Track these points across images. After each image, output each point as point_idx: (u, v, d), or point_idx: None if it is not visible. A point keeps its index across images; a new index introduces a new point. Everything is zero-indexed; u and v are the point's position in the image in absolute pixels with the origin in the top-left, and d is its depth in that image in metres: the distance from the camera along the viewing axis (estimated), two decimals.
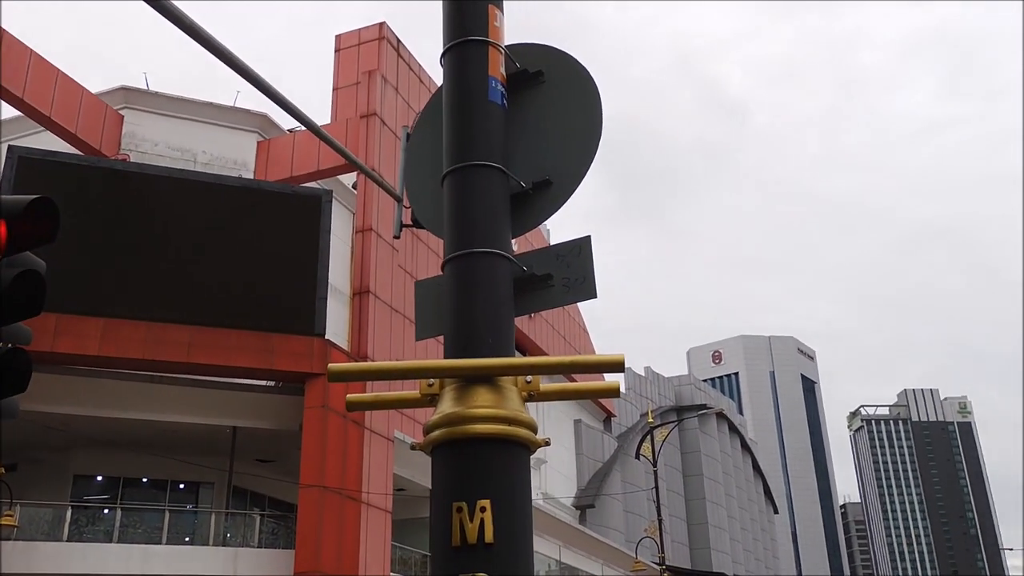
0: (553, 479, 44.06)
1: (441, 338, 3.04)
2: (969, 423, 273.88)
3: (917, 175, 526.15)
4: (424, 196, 3.56)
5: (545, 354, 42.46)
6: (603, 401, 53.36)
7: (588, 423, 51.21)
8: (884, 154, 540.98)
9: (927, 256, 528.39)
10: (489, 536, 2.54)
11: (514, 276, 3.02)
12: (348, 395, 2.94)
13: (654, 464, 32.07)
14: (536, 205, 3.24)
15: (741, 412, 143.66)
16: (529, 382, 2.83)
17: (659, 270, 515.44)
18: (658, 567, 30.95)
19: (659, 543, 30.07)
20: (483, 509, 2.56)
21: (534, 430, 2.78)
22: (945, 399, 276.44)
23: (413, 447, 2.91)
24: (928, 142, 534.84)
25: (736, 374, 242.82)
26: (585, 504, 47.65)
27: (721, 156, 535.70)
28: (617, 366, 2.78)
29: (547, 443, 2.88)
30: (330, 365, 2.71)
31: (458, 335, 2.87)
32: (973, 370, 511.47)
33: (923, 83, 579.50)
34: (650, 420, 35.33)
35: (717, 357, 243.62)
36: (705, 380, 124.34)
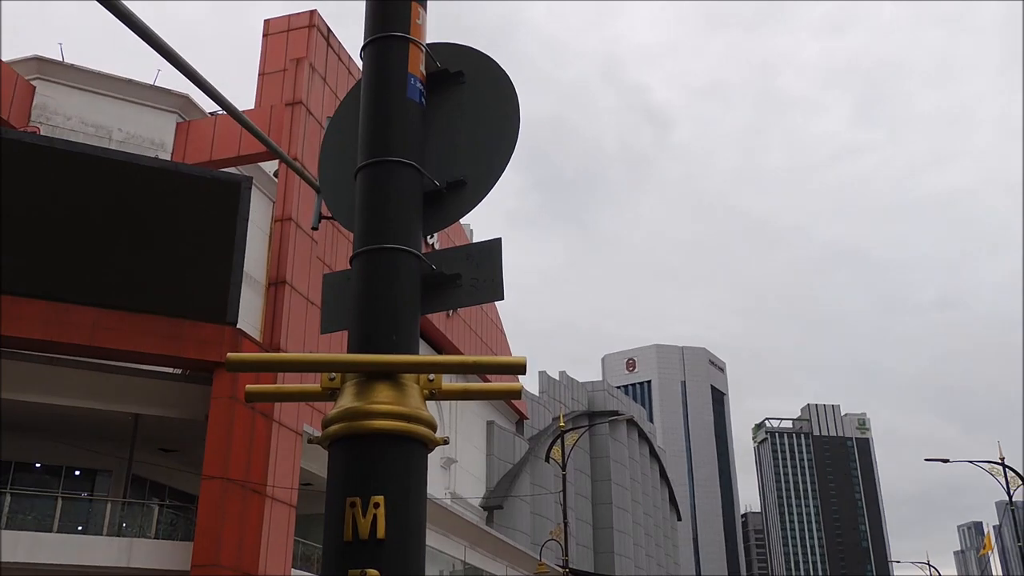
0: (463, 479, 44.07)
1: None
2: (867, 439, 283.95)
3: (828, 197, 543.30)
4: (338, 188, 3.53)
5: (461, 353, 42.49)
6: (516, 404, 53.63)
7: (501, 425, 51.39)
8: (799, 175, 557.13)
9: (833, 276, 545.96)
10: (381, 532, 2.53)
11: (422, 274, 3.02)
12: (247, 386, 2.90)
13: (563, 468, 32.36)
14: (449, 205, 3.25)
15: (651, 420, 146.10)
16: (431, 380, 2.84)
17: (579, 275, 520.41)
18: (561, 570, 31.24)
19: (563, 546, 30.36)
20: (377, 505, 2.55)
21: (433, 428, 2.78)
22: (845, 415, 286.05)
23: (310, 440, 2.92)
24: (840, 166, 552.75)
25: (649, 382, 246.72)
26: (493, 505, 47.80)
27: (644, 165, 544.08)
28: (519, 368, 2.81)
29: (446, 441, 2.89)
30: (229, 355, 2.67)
31: (361, 330, 2.86)
32: (872, 389, 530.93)
33: (838, 109, 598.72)
34: (561, 424, 35.62)
35: (631, 364, 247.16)
36: (618, 386, 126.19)
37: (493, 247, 3.19)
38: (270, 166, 29.93)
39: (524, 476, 51.90)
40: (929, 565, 66.94)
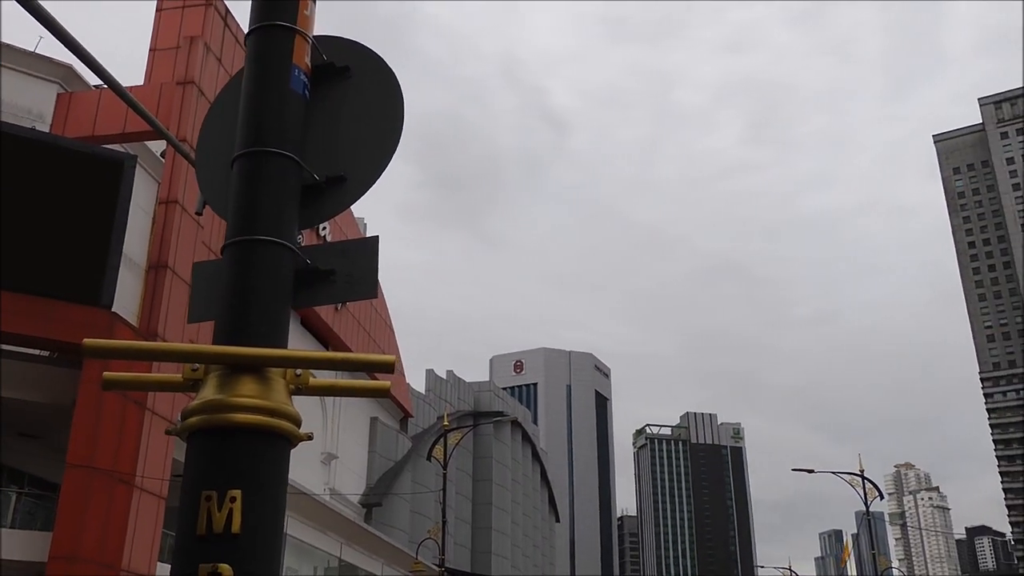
0: (343, 475, 43.52)
1: None
2: (740, 448, 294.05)
3: (717, 212, 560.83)
4: (214, 174, 3.46)
5: (349, 349, 41.98)
6: (401, 401, 53.32)
7: (385, 422, 50.99)
8: (690, 188, 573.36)
9: (717, 289, 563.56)
10: (236, 527, 2.50)
11: (296, 268, 3.00)
12: (104, 373, 2.82)
13: (444, 467, 32.35)
14: (328, 199, 3.23)
15: (536, 422, 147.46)
16: (299, 375, 2.81)
17: (471, 275, 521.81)
18: (437, 569, 31.23)
19: (440, 545, 30.35)
20: (233, 499, 2.52)
21: (298, 424, 2.76)
22: (722, 424, 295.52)
23: (168, 432, 2.83)
24: (729, 182, 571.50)
25: (535, 384, 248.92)
26: (372, 503, 47.38)
27: (541, 169, 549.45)
28: (387, 367, 2.82)
29: (310, 437, 2.87)
30: (85, 340, 2.59)
31: (229, 321, 2.81)
32: (748, 399, 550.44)
33: (730, 127, 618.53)
34: (445, 423, 35.61)
35: (518, 366, 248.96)
36: (505, 388, 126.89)
37: (369, 244, 3.19)
38: (157, 146, 28.88)
39: (405, 474, 51.64)
40: (791, 570, 69.88)
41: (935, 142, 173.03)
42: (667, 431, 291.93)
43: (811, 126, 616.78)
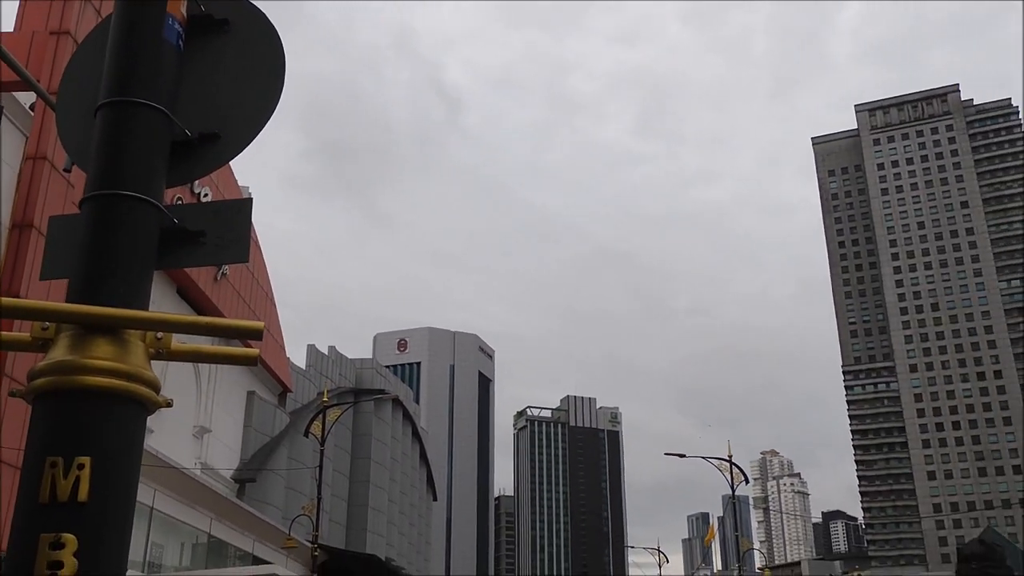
0: (215, 449, 42.38)
1: None
2: (617, 432, 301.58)
3: (605, 201, 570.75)
4: (76, 124, 3.25)
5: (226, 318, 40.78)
6: (280, 376, 52.27)
7: (262, 396, 49.87)
8: (581, 176, 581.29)
9: (601, 276, 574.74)
10: (84, 495, 2.37)
11: (162, 226, 2.85)
12: None
13: (322, 443, 31.93)
14: (200, 157, 3.08)
15: (418, 401, 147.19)
16: (159, 339, 2.68)
17: (357, 250, 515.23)
18: (310, 545, 30.85)
19: (314, 522, 29.98)
20: (81, 466, 2.39)
21: (156, 389, 2.63)
22: (600, 408, 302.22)
23: (12, 394, 2.65)
24: (618, 173, 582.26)
25: (419, 364, 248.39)
26: (246, 478, 46.35)
27: (434, 146, 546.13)
28: (255, 333, 2.72)
29: (169, 404, 2.74)
30: None
31: (84, 279, 2.65)
32: (626, 384, 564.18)
33: (622, 118, 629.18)
34: (325, 399, 35.12)
35: (403, 345, 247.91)
36: (388, 366, 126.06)
37: (242, 207, 3.07)
38: (27, 98, 27.24)
39: (282, 450, 50.70)
40: (659, 551, 72.19)
41: (813, 144, 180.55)
42: (547, 413, 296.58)
43: (699, 122, 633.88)
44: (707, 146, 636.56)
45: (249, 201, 3.10)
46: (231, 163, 41.78)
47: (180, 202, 34.76)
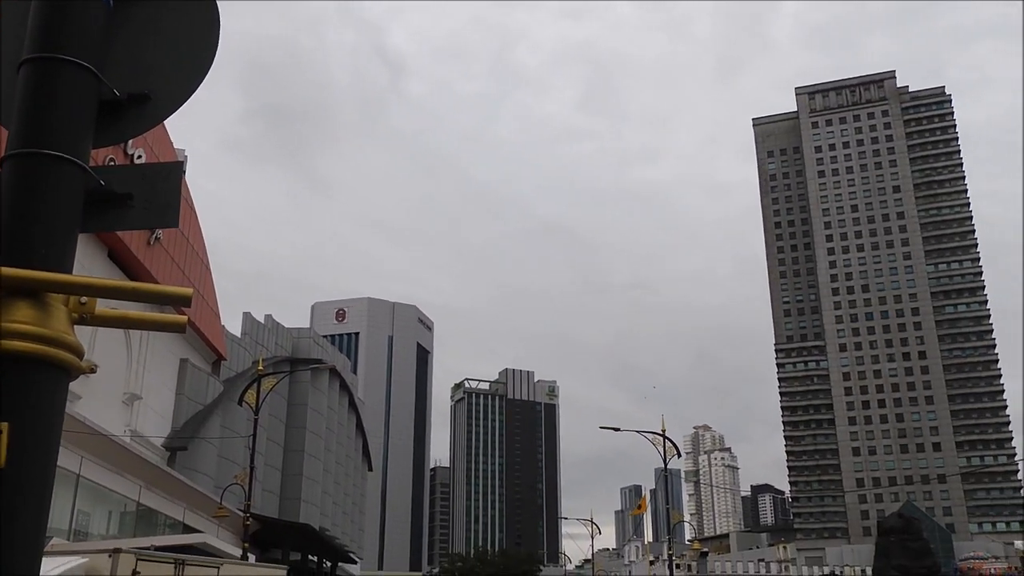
0: (146, 417, 41.68)
1: None
2: (555, 405, 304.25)
3: (548, 175, 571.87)
4: None
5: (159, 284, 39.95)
6: (215, 343, 51.49)
7: (195, 363, 49.10)
8: (525, 149, 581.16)
9: (543, 250, 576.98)
10: (1, 461, 2.32)
11: (87, 188, 2.78)
12: None
13: (256, 412, 31.61)
14: (129, 118, 3.00)
15: (355, 371, 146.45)
16: (83, 303, 2.63)
17: (296, 217, 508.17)
18: (242, 514, 30.61)
19: (247, 491, 29.74)
20: None
21: (79, 354, 2.58)
22: (538, 382, 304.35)
23: None
24: (562, 147, 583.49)
25: (357, 334, 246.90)
26: (177, 446, 45.71)
27: (377, 114, 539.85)
28: (184, 300, 2.69)
29: (93, 370, 2.69)
30: None
31: (5, 241, 2.58)
32: (564, 357, 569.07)
33: (566, 93, 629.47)
34: (260, 368, 34.73)
35: (341, 315, 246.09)
36: (326, 336, 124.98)
37: (172, 170, 3.00)
38: None
39: (215, 418, 50.07)
40: (592, 522, 73.35)
41: (754, 125, 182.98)
42: (485, 386, 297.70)
43: (642, 100, 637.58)
44: (650, 124, 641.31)
45: (179, 165, 3.03)
46: (167, 125, 40.72)
47: (112, 163, 33.79)
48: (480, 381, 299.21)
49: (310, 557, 58.99)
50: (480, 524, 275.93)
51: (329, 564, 64.09)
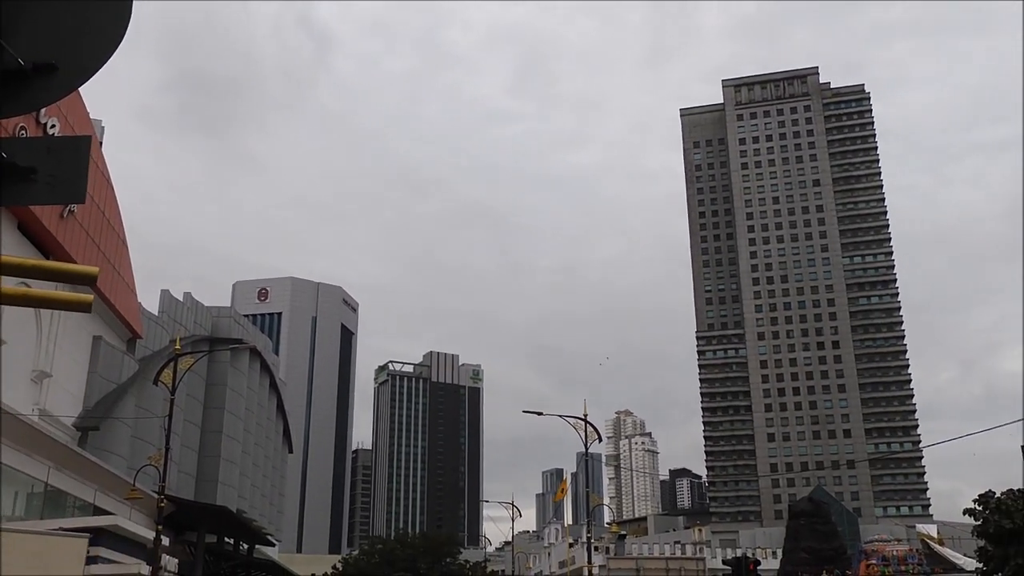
0: (56, 396, 40.40)
1: None
2: (479, 389, 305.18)
3: (477, 158, 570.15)
4: None
5: (74, 260, 38.69)
6: (130, 321, 50.14)
7: (109, 341, 47.74)
8: (453, 131, 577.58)
9: (468, 232, 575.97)
10: None
11: None
12: None
13: (172, 392, 30.92)
14: (33, 88, 2.88)
15: (277, 352, 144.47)
16: None
17: (217, 193, 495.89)
18: (156, 496, 29.97)
19: (161, 472, 29.11)
20: None
21: None
22: (463, 365, 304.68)
23: None
24: (491, 129, 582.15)
25: (279, 314, 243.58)
26: (89, 426, 44.45)
27: (302, 87, 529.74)
28: (89, 278, 2.61)
29: None
30: None
31: None
32: (489, 341, 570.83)
33: (495, 74, 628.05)
34: (177, 347, 33.93)
35: (263, 294, 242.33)
36: (247, 315, 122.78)
37: (80, 144, 2.90)
38: None
39: (129, 398, 48.82)
40: (513, 505, 73.94)
41: (681, 115, 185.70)
42: (409, 368, 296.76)
43: (572, 85, 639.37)
44: (579, 109, 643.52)
45: (87, 139, 2.93)
46: (82, 94, 39.29)
47: (24, 133, 32.48)
48: (404, 364, 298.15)
49: (227, 540, 58.09)
50: (401, 507, 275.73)
51: (246, 547, 63.23)
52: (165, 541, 30.74)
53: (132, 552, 31.39)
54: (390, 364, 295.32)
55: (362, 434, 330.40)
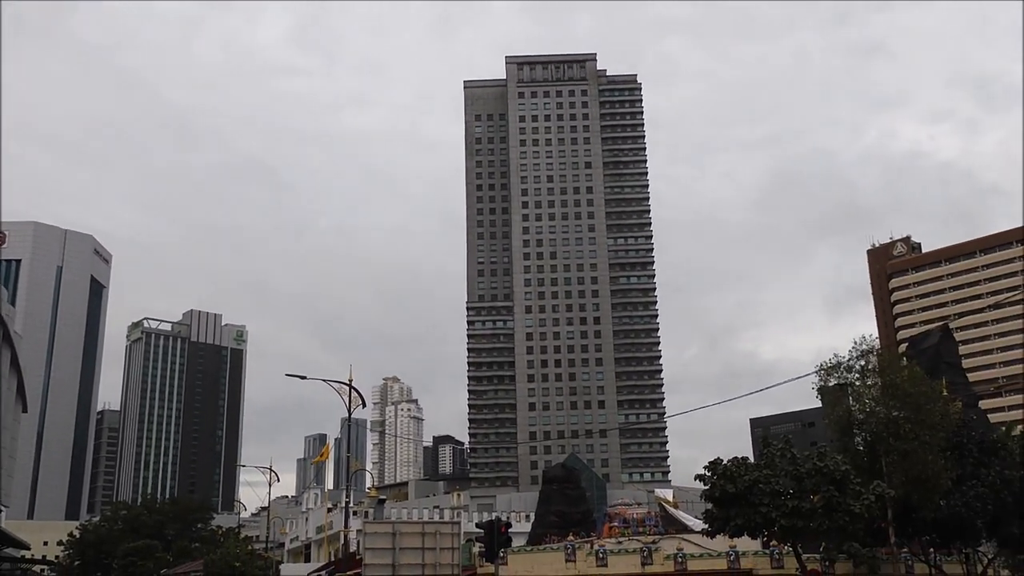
0: None
1: None
2: (242, 351, 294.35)
3: (254, 109, 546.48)
4: None
5: None
6: None
7: None
8: (230, 80, 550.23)
9: (240, 187, 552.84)
10: None
11: None
12: None
13: None
14: None
15: (14, 303, 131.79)
16: None
17: None
18: None
19: None
20: None
21: None
22: (226, 325, 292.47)
23: None
24: (272, 81, 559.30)
25: (19, 261, 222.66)
26: None
27: (58, 14, 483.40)
28: None
29: None
30: None
31: None
32: (255, 301, 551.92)
33: (277, 25, 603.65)
34: None
35: (0, 239, 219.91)
36: None
37: None
38: None
39: None
40: (271, 469, 72.06)
41: (464, 87, 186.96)
42: (167, 327, 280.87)
43: (358, 43, 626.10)
44: (364, 70, 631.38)
45: None
46: None
47: None
48: (162, 321, 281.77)
49: None
50: (151, 471, 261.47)
51: None
52: None
53: None
54: (145, 321, 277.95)
55: (111, 395, 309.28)
